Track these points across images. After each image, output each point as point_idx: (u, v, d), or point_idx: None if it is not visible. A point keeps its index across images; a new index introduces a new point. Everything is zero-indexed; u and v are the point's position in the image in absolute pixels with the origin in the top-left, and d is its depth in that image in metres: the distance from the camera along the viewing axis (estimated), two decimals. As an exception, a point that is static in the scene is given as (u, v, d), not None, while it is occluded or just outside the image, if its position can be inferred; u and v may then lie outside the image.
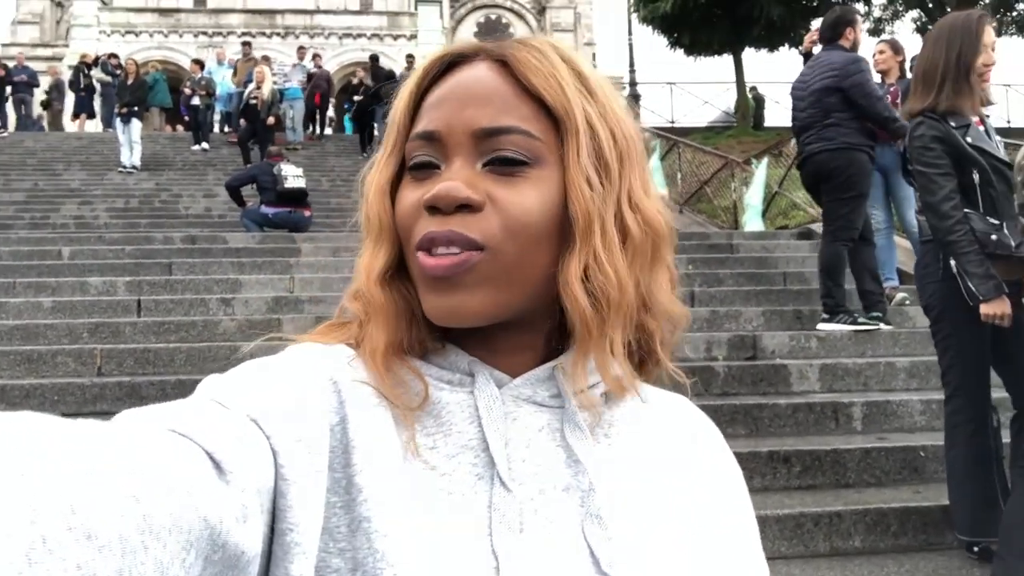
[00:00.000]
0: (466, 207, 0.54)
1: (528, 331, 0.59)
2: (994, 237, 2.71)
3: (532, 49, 0.58)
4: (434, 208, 0.54)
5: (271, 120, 12.16)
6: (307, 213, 8.38)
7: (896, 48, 5.92)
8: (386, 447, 0.53)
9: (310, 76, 15.66)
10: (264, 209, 8.29)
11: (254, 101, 12.22)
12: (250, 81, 12.87)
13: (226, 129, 15.51)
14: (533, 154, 0.56)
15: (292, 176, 8.35)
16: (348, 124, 17.38)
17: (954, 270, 2.75)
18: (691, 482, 0.61)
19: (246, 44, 16.72)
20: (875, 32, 17.69)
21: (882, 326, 5.09)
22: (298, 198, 8.29)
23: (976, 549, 3.02)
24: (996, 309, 2.66)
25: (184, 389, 4.61)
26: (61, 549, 0.32)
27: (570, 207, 0.56)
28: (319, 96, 15.36)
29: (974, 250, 2.69)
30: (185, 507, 0.38)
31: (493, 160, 0.56)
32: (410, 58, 16.35)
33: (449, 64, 0.60)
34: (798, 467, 3.70)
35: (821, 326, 5.12)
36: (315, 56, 16.92)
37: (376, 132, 13.77)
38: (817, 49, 5.43)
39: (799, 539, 3.23)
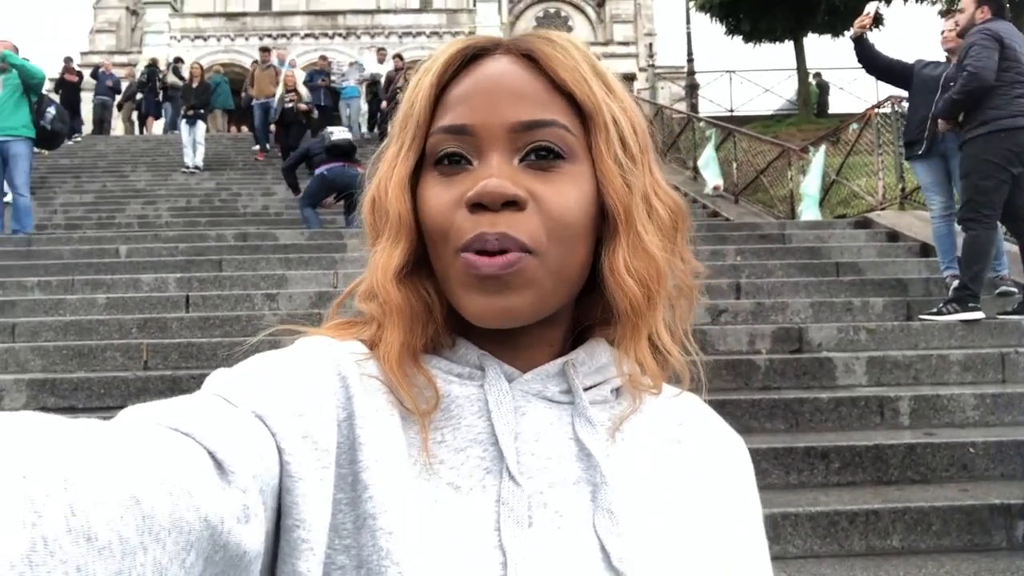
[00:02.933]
0: (511, 204, 0.53)
1: (550, 327, 0.59)
2: None
3: (555, 45, 0.58)
4: (478, 205, 0.53)
5: (302, 108, 12.06)
6: (360, 168, 8.54)
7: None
8: (393, 444, 0.53)
9: (389, 79, 14.44)
10: (318, 170, 8.46)
11: (290, 105, 11.99)
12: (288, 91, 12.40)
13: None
14: (568, 148, 0.56)
15: (338, 132, 8.67)
16: None
17: None
18: (702, 480, 0.60)
19: (264, 51, 15.14)
20: (947, 13, 16.88)
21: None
22: (347, 151, 8.46)
23: None
24: None
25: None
26: (62, 551, 0.32)
27: (608, 201, 0.57)
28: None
29: None
30: (185, 508, 0.38)
31: (531, 154, 0.55)
32: (397, 58, 15.44)
33: (469, 58, 0.59)
34: (837, 463, 3.55)
35: (952, 317, 4.90)
36: (394, 57, 15.65)
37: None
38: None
39: (833, 538, 3.10)
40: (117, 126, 22.23)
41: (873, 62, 5.49)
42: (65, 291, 5.95)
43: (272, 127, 13.38)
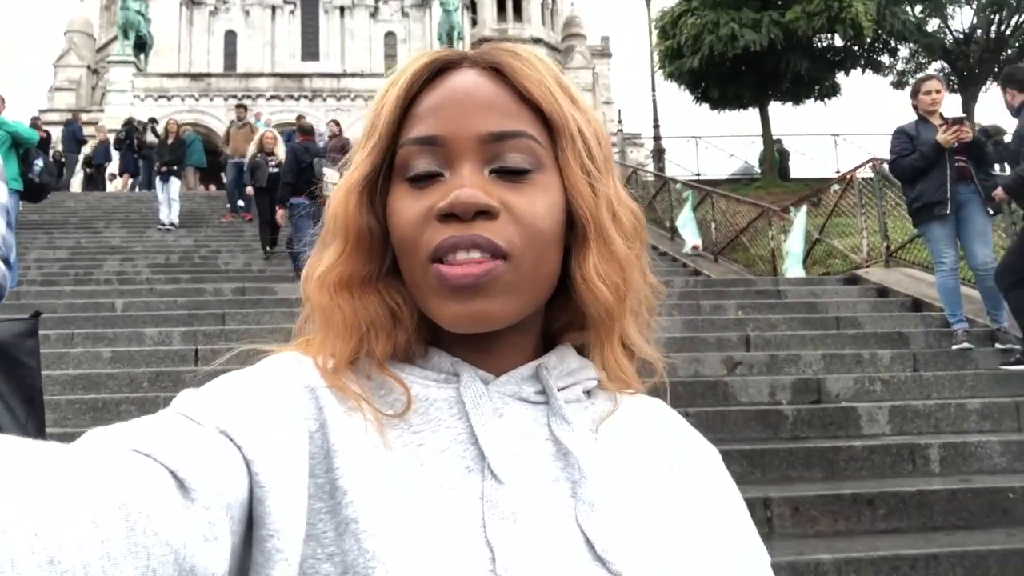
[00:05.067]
0: (484, 214, 0.54)
1: (521, 332, 0.60)
2: None
3: (521, 58, 0.59)
4: (449, 215, 0.54)
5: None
6: None
7: None
8: (369, 448, 0.53)
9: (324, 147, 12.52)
10: (296, 200, 8.53)
11: (275, 170, 10.35)
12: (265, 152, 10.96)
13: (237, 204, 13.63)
14: (537, 159, 0.57)
15: (331, 184, 8.61)
16: None
17: None
18: (675, 471, 0.61)
19: (240, 107, 14.94)
20: (899, 85, 17.89)
21: None
22: None
23: None
24: None
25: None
26: (27, 574, 0.32)
27: (576, 209, 0.58)
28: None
29: None
30: (143, 532, 0.37)
31: (501, 165, 0.56)
32: (334, 124, 14.70)
33: (436, 70, 0.59)
34: (883, 509, 3.59)
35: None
36: (331, 122, 14.64)
37: None
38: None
39: (896, 583, 3.12)
40: (74, 183, 21.97)
41: (917, 173, 5.54)
42: (65, 345, 5.76)
43: (248, 190, 11.73)
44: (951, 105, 19.22)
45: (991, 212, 5.50)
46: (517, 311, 0.56)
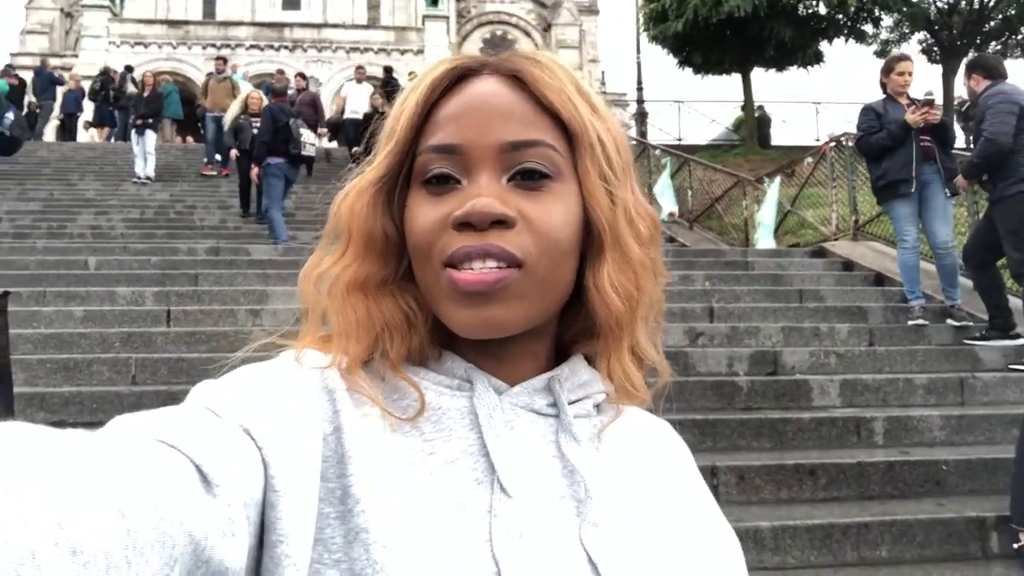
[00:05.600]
0: (500, 223, 0.54)
1: (535, 339, 0.60)
2: None
3: (542, 66, 0.59)
4: (465, 224, 0.54)
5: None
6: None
7: None
8: (383, 456, 0.53)
9: (292, 102, 11.95)
10: (273, 161, 8.63)
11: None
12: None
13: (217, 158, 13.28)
14: (555, 168, 0.57)
15: (309, 138, 9.03)
16: None
17: None
18: (674, 492, 0.63)
19: (220, 59, 14.56)
20: (882, 54, 17.88)
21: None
22: (309, 166, 9.28)
23: (1016, 547, 3.16)
24: None
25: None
26: (48, 564, 0.32)
27: (593, 219, 0.58)
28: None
29: None
30: (170, 522, 0.38)
31: (518, 174, 0.56)
32: (412, 75, 15.30)
33: (456, 77, 0.59)
34: (824, 479, 3.78)
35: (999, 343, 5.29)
36: (298, 75, 14.09)
37: None
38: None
39: (828, 549, 3.31)
40: (48, 132, 21.54)
41: (883, 151, 5.64)
42: (37, 303, 5.80)
43: (233, 153, 11.06)
44: (933, 76, 19.22)
45: (950, 194, 5.64)
46: (529, 318, 0.56)
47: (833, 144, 8.94)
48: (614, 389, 0.63)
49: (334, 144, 16.27)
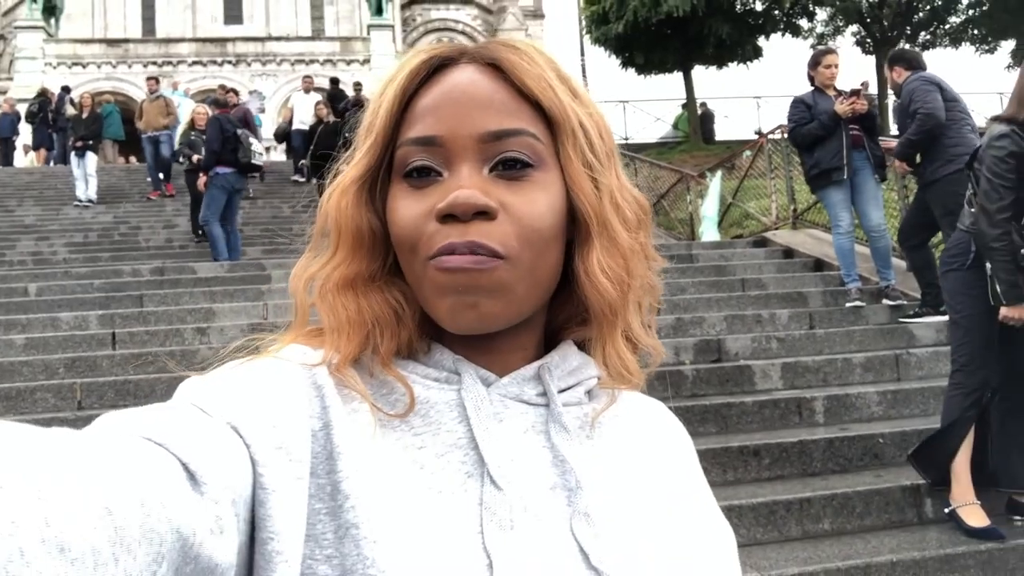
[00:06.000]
0: (482, 214, 0.54)
1: (525, 329, 0.60)
2: None
3: (520, 52, 0.59)
4: (449, 216, 0.54)
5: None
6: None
7: None
8: (371, 451, 0.53)
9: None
10: (220, 170, 8.60)
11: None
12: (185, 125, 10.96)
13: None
14: (537, 156, 0.56)
15: (257, 147, 9.04)
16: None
17: (988, 270, 3.07)
18: (669, 480, 0.62)
19: (152, 80, 14.23)
20: (818, 46, 18.43)
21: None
22: (256, 173, 9.38)
23: (946, 511, 3.32)
24: (1015, 313, 3.03)
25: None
26: (37, 561, 0.32)
27: (578, 206, 0.58)
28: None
29: (1009, 259, 3.01)
30: (157, 519, 0.38)
31: (499, 164, 0.56)
32: (358, 85, 14.90)
33: (434, 68, 0.59)
34: (767, 459, 3.91)
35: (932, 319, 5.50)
36: (229, 91, 13.07)
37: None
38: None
39: (773, 525, 3.42)
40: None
41: (814, 141, 5.81)
42: (-25, 333, 5.67)
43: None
44: (867, 66, 19.82)
45: (879, 179, 5.86)
46: (517, 311, 0.56)
47: (769, 137, 9.19)
48: (607, 374, 0.63)
49: (281, 157, 16.09)
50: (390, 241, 0.58)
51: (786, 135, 6.85)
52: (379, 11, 35.02)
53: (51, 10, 33.36)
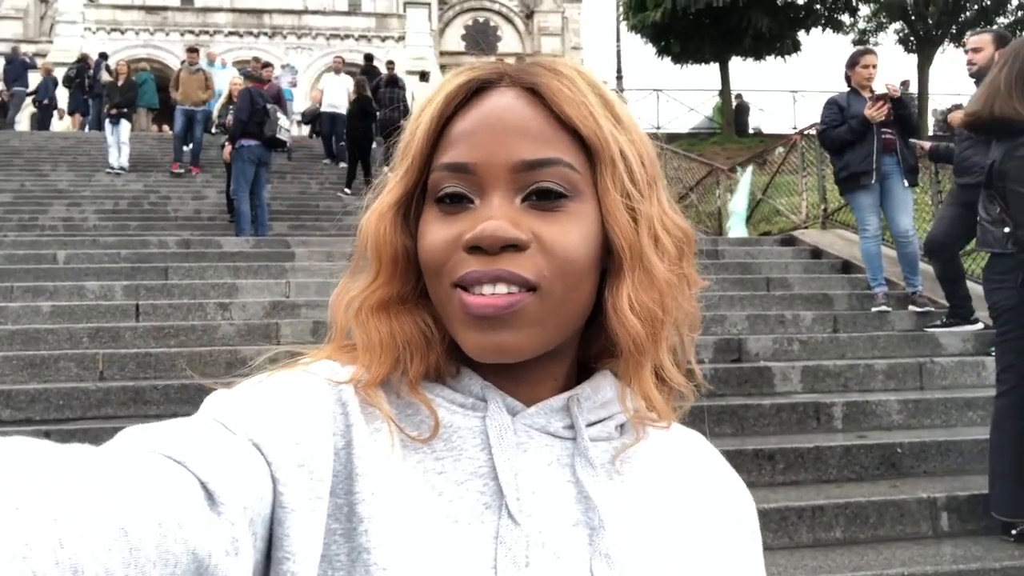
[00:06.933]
0: (512, 246, 0.53)
1: (553, 360, 0.59)
2: None
3: (562, 77, 0.57)
4: (476, 248, 0.53)
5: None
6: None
7: None
8: (391, 475, 0.53)
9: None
10: (245, 143, 8.72)
11: None
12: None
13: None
14: (572, 187, 0.55)
15: (284, 128, 9.15)
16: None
17: None
18: (706, 525, 0.60)
19: (192, 51, 13.71)
20: (860, 43, 18.04)
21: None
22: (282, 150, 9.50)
23: (1014, 532, 3.21)
24: None
25: (186, 394, 4.55)
26: None
27: (613, 239, 0.56)
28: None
29: None
30: (173, 540, 0.38)
31: (533, 194, 0.54)
32: (391, 64, 14.57)
33: (472, 91, 0.58)
34: (782, 464, 3.87)
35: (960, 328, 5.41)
36: (265, 65, 12.92)
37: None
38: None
39: (784, 531, 3.39)
40: (22, 120, 21.23)
41: (844, 144, 5.71)
42: (4, 298, 5.76)
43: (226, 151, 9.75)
44: (909, 66, 19.37)
45: (908, 184, 5.74)
46: (543, 343, 0.55)
47: (804, 134, 9.03)
48: (633, 412, 0.60)
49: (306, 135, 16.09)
50: (416, 261, 0.58)
51: (816, 136, 6.72)
52: (416, -12, 34.90)
53: (92, -25, 33.66)
